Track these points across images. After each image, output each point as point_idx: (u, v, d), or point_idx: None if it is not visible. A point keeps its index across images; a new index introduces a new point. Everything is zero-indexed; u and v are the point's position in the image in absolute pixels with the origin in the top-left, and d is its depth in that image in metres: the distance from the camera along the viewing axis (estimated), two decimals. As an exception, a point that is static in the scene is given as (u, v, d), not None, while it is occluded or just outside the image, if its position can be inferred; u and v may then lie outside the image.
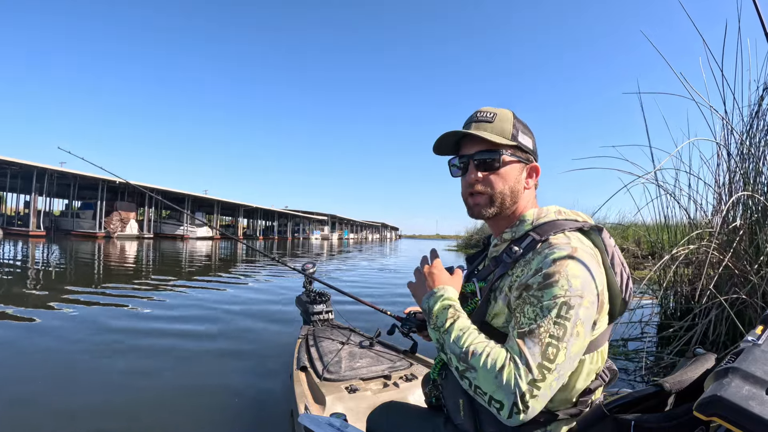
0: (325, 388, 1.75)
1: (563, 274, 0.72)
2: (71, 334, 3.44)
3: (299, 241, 43.07)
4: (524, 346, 0.69)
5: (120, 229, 27.51)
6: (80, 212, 28.74)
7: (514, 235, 0.87)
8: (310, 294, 2.86)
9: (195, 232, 33.30)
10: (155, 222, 33.22)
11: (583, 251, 0.76)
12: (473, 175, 0.88)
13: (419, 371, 1.96)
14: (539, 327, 0.69)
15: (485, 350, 0.71)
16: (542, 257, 0.76)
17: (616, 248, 0.85)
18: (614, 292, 0.82)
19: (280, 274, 9.29)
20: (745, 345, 0.67)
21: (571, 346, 0.69)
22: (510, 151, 0.87)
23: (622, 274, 0.84)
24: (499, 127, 0.87)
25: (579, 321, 0.70)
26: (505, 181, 0.87)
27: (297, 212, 50.93)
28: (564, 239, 0.79)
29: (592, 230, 0.85)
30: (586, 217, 0.88)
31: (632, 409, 0.73)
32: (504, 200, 0.87)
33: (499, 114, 0.88)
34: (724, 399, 0.55)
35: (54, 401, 2.18)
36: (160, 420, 2.04)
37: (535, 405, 0.67)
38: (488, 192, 0.87)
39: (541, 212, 0.88)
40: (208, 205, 37.84)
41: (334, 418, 1.11)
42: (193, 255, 15.01)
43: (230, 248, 20.88)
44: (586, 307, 0.71)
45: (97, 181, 25.28)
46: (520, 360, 0.68)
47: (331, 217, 61.15)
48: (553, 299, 0.70)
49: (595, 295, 0.74)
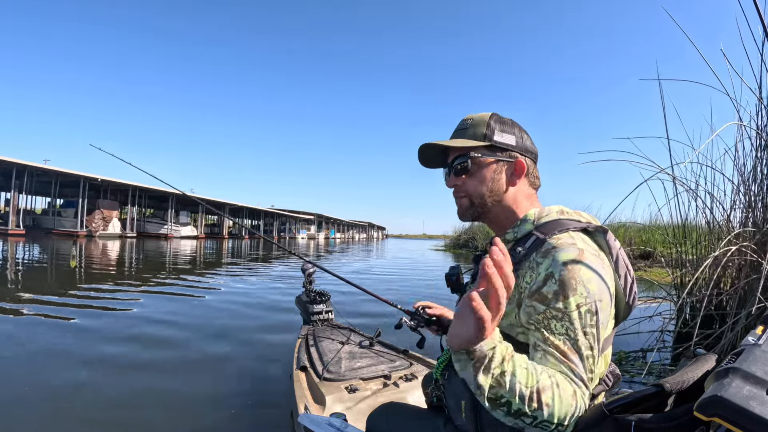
0: (325, 388, 1.75)
1: (579, 280, 0.71)
2: (73, 335, 3.44)
3: (285, 240, 42.42)
4: (573, 364, 0.68)
5: (102, 228, 26.91)
6: (62, 210, 28.11)
7: (516, 236, 0.86)
8: (310, 294, 2.86)
9: (179, 231, 33.00)
10: (138, 221, 32.79)
11: (589, 253, 0.76)
12: (450, 180, 0.92)
13: (419, 371, 1.96)
14: (576, 341, 0.69)
15: (551, 382, 0.63)
16: (550, 260, 0.74)
17: (621, 250, 0.84)
18: (618, 295, 0.82)
19: (270, 272, 9.30)
20: (745, 345, 0.67)
21: (599, 352, 0.72)
22: (482, 152, 0.87)
23: (627, 277, 0.83)
24: (472, 132, 0.89)
25: (602, 324, 0.72)
26: (481, 182, 0.88)
27: (283, 211, 50.45)
28: (569, 239, 0.77)
29: (597, 231, 0.84)
30: (589, 217, 0.87)
31: (633, 409, 0.73)
32: (484, 200, 0.89)
33: (475, 119, 0.90)
34: (724, 399, 0.55)
35: (54, 401, 2.18)
36: (160, 420, 2.04)
37: (579, 414, 0.67)
38: (467, 195, 0.90)
39: (543, 212, 0.87)
40: (192, 203, 37.42)
41: (334, 418, 1.11)
42: (178, 254, 14.87)
43: (215, 248, 20.53)
44: (604, 309, 0.73)
45: (78, 179, 24.75)
46: (577, 378, 0.67)
47: (318, 216, 60.71)
48: (577, 308, 0.70)
49: (609, 296, 0.75)
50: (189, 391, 2.39)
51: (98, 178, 25.50)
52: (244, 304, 5.20)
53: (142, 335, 3.54)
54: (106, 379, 2.53)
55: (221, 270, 9.77)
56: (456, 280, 1.01)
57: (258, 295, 6.01)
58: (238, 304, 5.19)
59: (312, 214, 58.46)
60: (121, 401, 2.22)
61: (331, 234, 68.66)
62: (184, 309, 4.77)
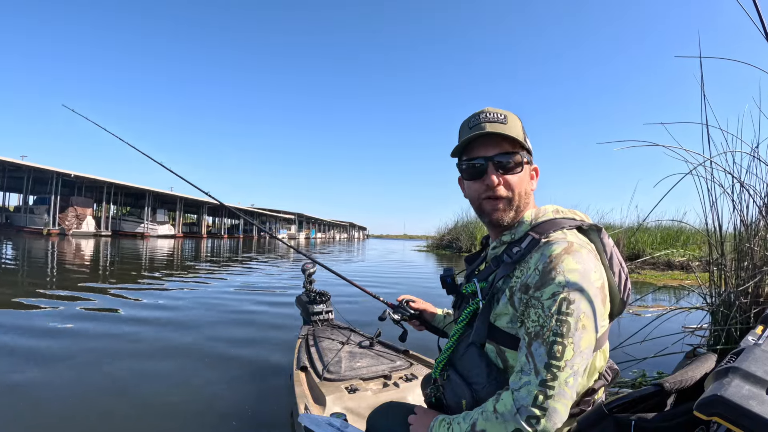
0: (325, 388, 1.75)
1: (559, 269, 0.71)
2: (73, 334, 3.45)
3: (266, 239, 41.23)
4: (531, 349, 0.70)
5: (76, 226, 25.93)
6: (34, 207, 26.76)
7: (513, 237, 0.86)
8: (310, 294, 2.86)
9: (156, 230, 32.11)
10: (114, 219, 32.14)
11: (579, 245, 0.76)
12: (494, 177, 0.83)
13: (419, 371, 1.96)
14: (542, 328, 0.70)
15: (480, 411, 0.74)
16: (539, 255, 0.76)
17: (615, 248, 0.85)
18: (613, 291, 0.83)
19: (257, 270, 9.29)
20: (745, 345, 0.67)
21: (578, 341, 0.69)
22: (523, 153, 0.86)
23: (621, 274, 0.84)
24: (514, 128, 0.84)
25: (582, 314, 0.70)
26: (522, 184, 0.85)
27: (263, 210, 49.32)
28: (561, 235, 0.79)
29: (590, 229, 0.85)
30: (583, 216, 0.89)
31: (633, 408, 0.73)
32: (520, 203, 0.86)
33: (509, 115, 0.86)
34: (724, 398, 0.55)
35: (55, 399, 2.18)
36: (160, 420, 2.04)
37: (554, 405, 0.66)
38: (509, 195, 0.84)
39: (539, 212, 0.87)
40: (170, 201, 36.25)
41: (334, 418, 1.11)
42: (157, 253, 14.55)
43: (193, 248, 19.89)
44: (588, 300, 0.71)
45: (51, 174, 23.77)
46: (527, 366, 0.69)
47: (298, 215, 59.53)
48: (553, 296, 0.70)
49: (596, 287, 0.73)
50: (189, 391, 2.39)
51: (71, 173, 24.59)
52: (240, 303, 5.21)
53: (141, 334, 3.54)
54: (108, 378, 2.53)
55: (219, 269, 9.78)
56: (451, 282, 1.02)
57: (257, 294, 6.01)
58: (235, 303, 5.19)
59: (292, 213, 57.26)
60: (121, 401, 2.22)
61: (312, 234, 67.16)
62: (181, 309, 4.77)
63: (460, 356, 0.86)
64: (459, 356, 0.87)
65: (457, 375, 0.86)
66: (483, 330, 0.83)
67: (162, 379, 2.56)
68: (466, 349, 0.85)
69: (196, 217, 47.73)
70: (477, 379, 0.81)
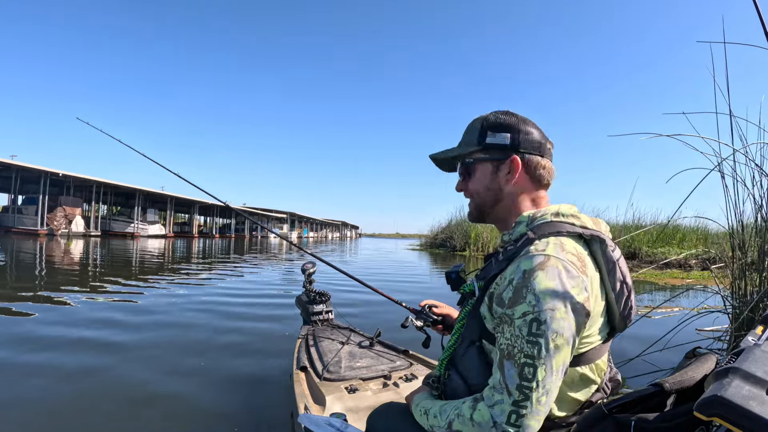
0: (325, 388, 1.75)
1: (530, 288, 0.70)
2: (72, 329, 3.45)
3: (257, 239, 41.24)
4: (504, 369, 0.71)
5: (64, 227, 25.54)
6: (23, 208, 26.54)
7: (511, 237, 0.87)
8: (309, 294, 2.86)
9: (146, 230, 31.85)
10: (104, 219, 31.77)
11: (556, 258, 0.73)
12: (457, 185, 0.98)
13: (419, 371, 1.96)
14: (514, 348, 0.70)
15: (455, 413, 0.76)
16: (514, 267, 0.75)
17: (620, 261, 0.82)
18: (610, 308, 0.81)
19: (253, 270, 9.30)
20: (745, 345, 0.67)
21: (550, 361, 0.69)
22: (477, 155, 0.91)
23: (623, 289, 0.81)
24: (469, 137, 0.93)
25: (555, 334, 0.69)
26: (479, 183, 0.92)
27: (255, 210, 48.75)
28: (541, 246, 0.76)
29: (592, 240, 0.81)
30: (588, 221, 0.84)
31: (632, 409, 0.73)
32: (483, 201, 0.93)
33: (471, 125, 0.95)
34: (724, 399, 0.55)
35: (55, 400, 2.18)
36: (160, 420, 2.04)
37: (527, 422, 0.68)
38: (471, 197, 0.96)
39: (537, 213, 0.86)
40: (161, 201, 35.92)
41: (334, 418, 1.10)
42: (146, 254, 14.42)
43: (184, 248, 19.70)
44: (560, 318, 0.69)
45: (39, 174, 23.40)
46: (499, 385, 0.71)
47: (291, 215, 59.41)
48: (523, 316, 0.70)
49: (572, 303, 0.71)
50: (189, 391, 2.39)
51: (59, 173, 24.20)
52: (239, 303, 5.21)
53: (138, 335, 3.54)
54: (108, 378, 2.54)
55: (215, 268, 9.78)
56: (456, 278, 1.02)
57: (255, 295, 6.02)
58: (234, 303, 5.19)
59: (285, 212, 57.11)
60: (121, 401, 2.22)
61: (304, 233, 66.77)
62: (178, 309, 4.77)
63: (461, 356, 0.87)
64: (460, 356, 0.87)
65: (457, 374, 0.86)
66: (475, 327, 0.84)
67: (161, 380, 2.56)
68: (467, 349, 0.85)
69: (187, 216, 47.24)
70: (476, 380, 0.81)
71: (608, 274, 0.80)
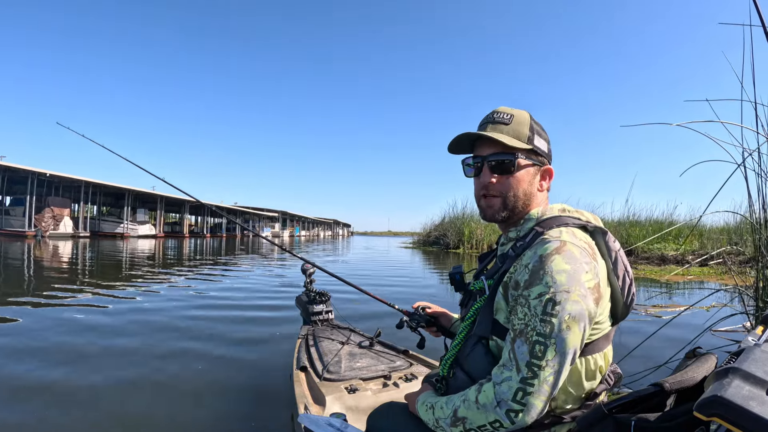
0: (325, 388, 1.75)
1: (547, 270, 0.72)
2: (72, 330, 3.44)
3: (249, 238, 40.37)
4: (515, 346, 0.72)
5: (53, 228, 24.99)
6: (10, 209, 25.75)
7: (519, 234, 0.88)
8: (309, 294, 2.86)
9: (136, 231, 31.25)
10: (93, 219, 31.05)
11: (572, 244, 0.76)
12: (487, 177, 0.87)
13: (419, 371, 1.95)
14: (527, 326, 0.71)
15: (462, 399, 0.78)
16: (532, 252, 0.77)
17: (621, 252, 0.86)
18: (615, 296, 0.83)
19: (250, 269, 9.28)
20: (745, 345, 0.67)
21: (562, 341, 0.70)
22: (525, 155, 0.87)
23: (625, 278, 0.84)
24: (516, 129, 0.87)
25: (568, 316, 0.70)
26: (519, 185, 0.87)
27: (246, 209, 48.39)
28: (556, 233, 0.79)
29: (596, 231, 0.85)
30: (590, 216, 0.89)
31: (632, 408, 0.73)
32: (516, 203, 0.88)
33: (516, 116, 0.88)
34: (724, 399, 0.55)
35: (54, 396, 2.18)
36: (161, 420, 2.04)
37: (533, 401, 0.69)
38: (502, 195, 0.87)
39: (545, 210, 0.89)
40: (151, 201, 35.04)
41: (334, 418, 1.10)
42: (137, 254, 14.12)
43: (177, 248, 19.33)
44: (574, 301, 0.71)
45: (26, 174, 23.01)
46: (509, 362, 0.72)
47: (282, 213, 58.86)
48: (539, 297, 0.71)
49: (587, 288, 0.73)
50: (189, 391, 2.39)
51: (47, 173, 23.87)
52: (238, 303, 5.20)
53: (137, 337, 3.54)
54: (107, 379, 2.54)
55: (209, 269, 9.77)
56: (459, 279, 1.03)
57: (255, 295, 6.01)
58: (233, 303, 5.18)
59: (276, 211, 56.56)
60: (121, 401, 2.22)
61: (296, 232, 66.18)
62: (176, 310, 4.77)
63: (467, 355, 0.87)
64: (465, 355, 0.88)
65: (463, 373, 0.87)
66: (486, 324, 0.84)
67: (161, 381, 2.56)
68: (473, 348, 0.86)
69: (177, 216, 46.68)
70: (483, 377, 0.81)
71: (613, 263, 0.84)
